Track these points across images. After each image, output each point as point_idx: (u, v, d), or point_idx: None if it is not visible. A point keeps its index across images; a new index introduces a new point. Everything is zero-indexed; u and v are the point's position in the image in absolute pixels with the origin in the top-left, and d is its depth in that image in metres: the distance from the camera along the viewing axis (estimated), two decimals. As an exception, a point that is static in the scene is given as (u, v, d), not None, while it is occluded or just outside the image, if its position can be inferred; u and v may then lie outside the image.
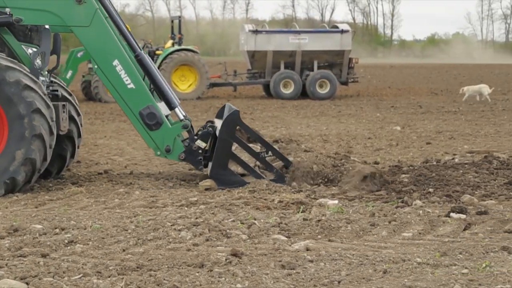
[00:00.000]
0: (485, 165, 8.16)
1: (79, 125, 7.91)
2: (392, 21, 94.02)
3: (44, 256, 4.56)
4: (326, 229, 5.30)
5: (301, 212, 5.92)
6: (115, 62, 7.33)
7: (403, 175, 7.76)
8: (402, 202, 6.28)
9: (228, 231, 5.18)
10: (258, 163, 7.43)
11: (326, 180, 7.16)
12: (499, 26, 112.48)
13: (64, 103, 7.37)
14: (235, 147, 7.34)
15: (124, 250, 4.71)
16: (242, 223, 5.45)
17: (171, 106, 7.54)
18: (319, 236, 5.15)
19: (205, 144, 7.48)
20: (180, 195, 6.82)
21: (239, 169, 7.30)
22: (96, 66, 7.39)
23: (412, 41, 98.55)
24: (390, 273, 4.17)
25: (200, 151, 7.45)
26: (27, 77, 6.79)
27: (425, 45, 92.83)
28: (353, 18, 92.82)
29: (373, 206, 6.15)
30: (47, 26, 7.36)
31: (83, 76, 21.69)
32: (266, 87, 24.03)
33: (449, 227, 5.38)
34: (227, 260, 4.43)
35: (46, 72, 7.55)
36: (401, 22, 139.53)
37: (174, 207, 6.25)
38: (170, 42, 24.06)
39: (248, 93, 25.84)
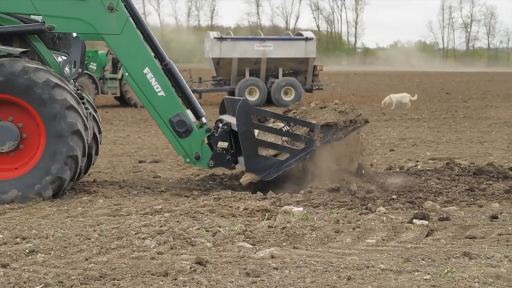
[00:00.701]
0: (447, 171, 8.29)
1: (98, 121, 8.05)
2: (356, 29, 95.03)
3: (4, 266, 4.47)
4: (291, 236, 5.32)
5: (266, 220, 5.92)
6: (146, 70, 7.40)
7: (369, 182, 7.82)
8: (366, 208, 6.34)
9: (193, 239, 5.15)
10: (284, 138, 7.48)
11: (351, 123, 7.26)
12: (459, 34, 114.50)
13: (90, 111, 7.50)
14: (257, 133, 7.38)
15: (87, 259, 4.65)
16: (207, 231, 5.43)
17: (198, 115, 7.65)
18: (284, 244, 5.16)
19: (227, 143, 7.54)
20: (144, 203, 6.76)
21: (270, 151, 7.36)
22: (127, 74, 7.45)
23: (375, 48, 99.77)
24: (354, 280, 4.20)
25: (225, 152, 7.51)
26: (55, 77, 6.86)
27: (388, 53, 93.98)
28: (318, 26, 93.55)
29: (337, 213, 6.19)
30: (74, 34, 7.41)
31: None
32: (232, 94, 24.05)
33: (412, 233, 5.45)
34: (192, 268, 4.40)
35: (72, 80, 7.53)
36: (365, 30, 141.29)
37: (138, 215, 6.19)
38: (134, 49, 23.86)
39: (213, 100, 25.80)
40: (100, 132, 8.12)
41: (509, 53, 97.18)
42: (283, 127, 7.46)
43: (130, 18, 7.42)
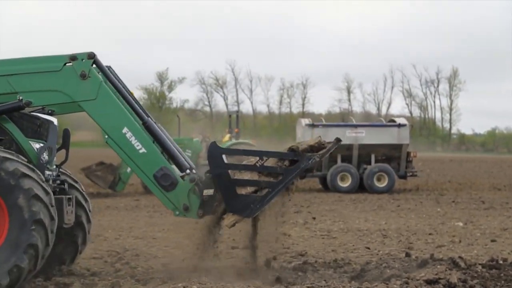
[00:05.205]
0: (556, 265, 7.75)
1: (88, 211, 8.09)
2: (450, 115, 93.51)
3: None
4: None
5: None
6: (125, 130, 7.45)
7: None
8: (468, 303, 5.98)
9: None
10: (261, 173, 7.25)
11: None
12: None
13: (69, 196, 7.50)
14: (233, 173, 7.23)
15: None
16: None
17: (182, 169, 7.56)
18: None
19: (212, 190, 7.36)
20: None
21: (249, 189, 7.16)
22: (106, 136, 7.52)
23: (471, 135, 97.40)
24: None
25: (212, 199, 7.37)
26: (24, 166, 6.87)
27: (485, 139, 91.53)
28: (410, 112, 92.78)
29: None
30: (55, 123, 7.62)
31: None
32: (323, 180, 23.98)
33: (521, 332, 5.06)
34: None
35: (55, 166, 7.71)
36: (460, 116, 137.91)
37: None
38: (227, 136, 24.51)
39: (304, 186, 25.80)
40: (89, 222, 8.08)
41: None
42: (257, 162, 7.25)
43: (103, 83, 7.51)
